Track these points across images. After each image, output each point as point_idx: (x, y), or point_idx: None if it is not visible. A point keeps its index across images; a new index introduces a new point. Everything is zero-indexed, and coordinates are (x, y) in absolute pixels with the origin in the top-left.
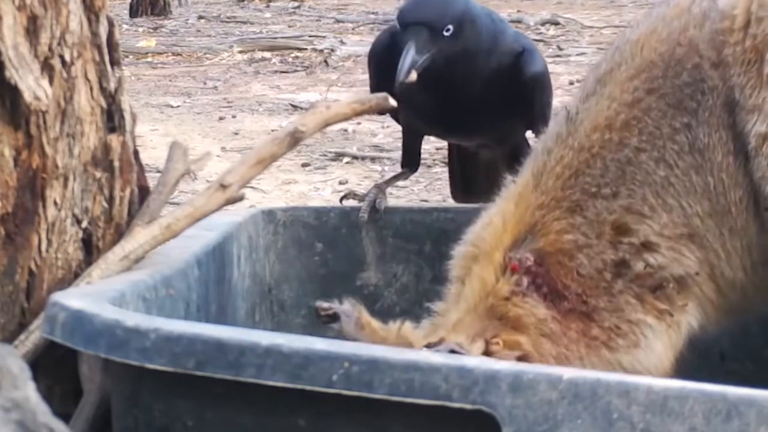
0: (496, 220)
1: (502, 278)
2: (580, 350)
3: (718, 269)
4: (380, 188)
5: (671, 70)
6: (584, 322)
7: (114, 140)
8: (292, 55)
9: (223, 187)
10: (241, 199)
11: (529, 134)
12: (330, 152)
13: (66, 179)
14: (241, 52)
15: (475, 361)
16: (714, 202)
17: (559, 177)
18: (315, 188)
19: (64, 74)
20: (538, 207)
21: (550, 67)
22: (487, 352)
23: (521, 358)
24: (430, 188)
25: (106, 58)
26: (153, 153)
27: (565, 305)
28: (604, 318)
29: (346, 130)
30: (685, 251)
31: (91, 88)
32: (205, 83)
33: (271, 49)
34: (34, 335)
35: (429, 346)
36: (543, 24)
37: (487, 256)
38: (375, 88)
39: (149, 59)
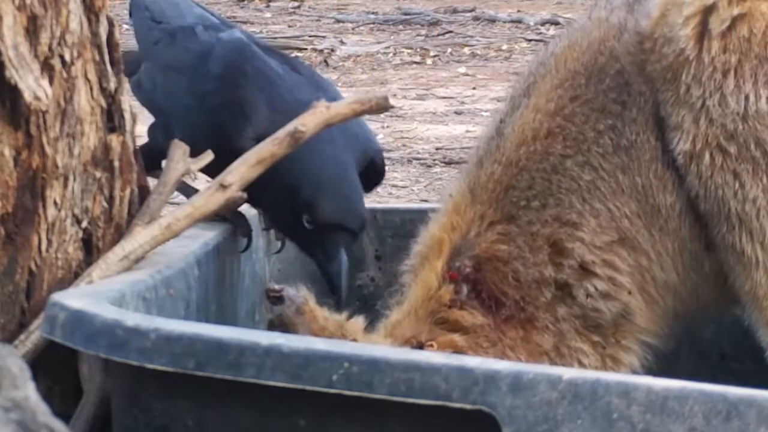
0: (437, 232)
1: (444, 286)
2: (520, 357)
3: (649, 273)
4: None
5: (594, 77)
6: (525, 330)
7: (114, 140)
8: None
9: (223, 187)
10: (241, 198)
11: None
12: None
13: (66, 179)
14: None
15: (475, 361)
16: (642, 202)
17: (492, 191)
18: None
19: (64, 74)
20: (475, 219)
21: None
22: None
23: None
24: (430, 188)
25: (106, 58)
26: None
27: (504, 312)
28: (546, 332)
29: None
30: (618, 261)
31: (91, 88)
32: None
33: None
34: (34, 335)
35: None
36: (543, 24)
37: (430, 265)
38: None
39: None
